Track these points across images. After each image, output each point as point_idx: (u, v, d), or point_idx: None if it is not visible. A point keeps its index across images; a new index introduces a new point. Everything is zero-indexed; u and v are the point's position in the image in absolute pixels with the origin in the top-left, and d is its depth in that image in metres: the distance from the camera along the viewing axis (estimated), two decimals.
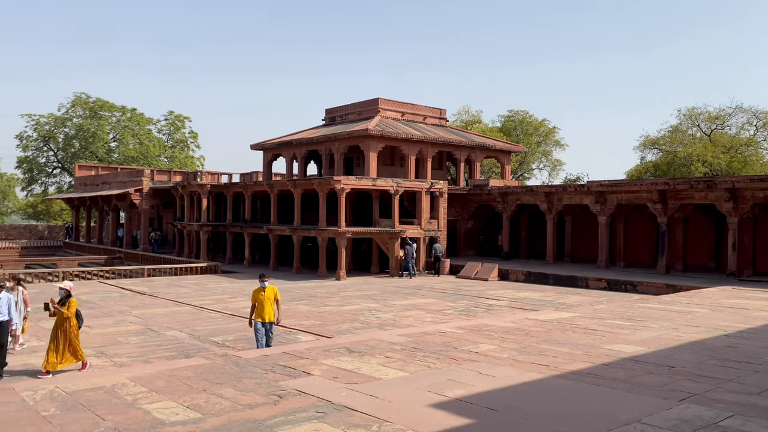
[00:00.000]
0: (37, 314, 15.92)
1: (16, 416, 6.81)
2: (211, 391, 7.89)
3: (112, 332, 13.58)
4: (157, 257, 33.94)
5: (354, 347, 10.91)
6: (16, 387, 8.06)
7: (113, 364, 10.59)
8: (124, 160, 66.11)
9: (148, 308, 17.24)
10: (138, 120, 70.95)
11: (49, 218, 70.29)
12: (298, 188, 28.36)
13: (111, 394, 7.73)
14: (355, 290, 21.99)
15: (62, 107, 69.21)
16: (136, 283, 23.48)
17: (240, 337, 13.17)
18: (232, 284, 23.62)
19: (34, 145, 69.15)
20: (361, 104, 37.02)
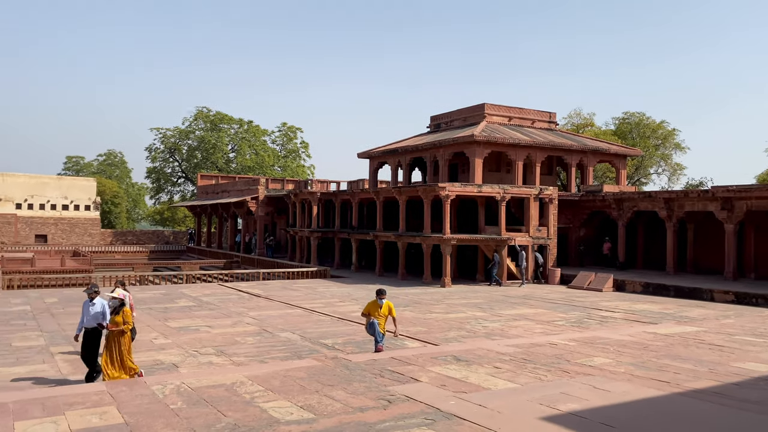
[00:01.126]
0: (165, 313, 17.17)
1: (149, 408, 7.37)
2: (323, 393, 8.13)
3: (231, 332, 14.34)
4: (271, 261, 35.50)
5: (461, 356, 10.82)
6: (148, 381, 8.73)
7: (232, 363, 11.18)
8: (242, 170, 69.88)
9: (263, 310, 18.06)
10: (254, 131, 74.77)
11: (174, 224, 75.63)
12: (403, 195, 28.63)
13: (231, 392, 8.17)
14: (461, 298, 21.83)
15: (186, 121, 74.42)
16: (252, 286, 24.69)
17: (348, 340, 13.46)
18: (340, 289, 24.23)
19: (162, 157, 74.80)
20: (466, 110, 36.79)
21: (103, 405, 7.42)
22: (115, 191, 74.54)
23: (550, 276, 27.71)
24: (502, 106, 36.11)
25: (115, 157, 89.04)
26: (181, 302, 19.65)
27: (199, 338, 13.60)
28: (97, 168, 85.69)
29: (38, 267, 31.65)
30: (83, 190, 62.24)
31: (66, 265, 32.81)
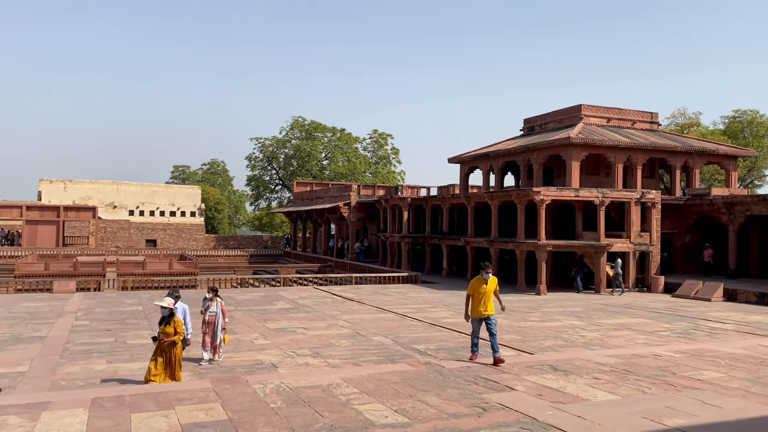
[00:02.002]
0: (264, 314, 17.85)
1: (251, 406, 7.69)
2: (416, 398, 8.16)
3: (326, 335, 14.69)
4: (363, 266, 36.06)
5: (558, 365, 10.51)
6: (250, 380, 9.10)
7: (327, 364, 11.45)
8: (335, 177, 71.56)
9: (356, 314, 18.36)
10: (346, 139, 76.41)
11: (272, 230, 78.53)
12: (495, 200, 28.21)
13: (327, 393, 8.37)
14: (557, 306, 21.19)
15: (283, 130, 77.21)
16: (345, 290, 25.18)
17: (441, 346, 13.42)
18: (431, 294, 24.21)
19: (260, 165, 78.01)
20: (561, 112, 35.76)
21: (209, 401, 7.82)
22: (218, 198, 78.45)
23: (653, 284, 26.33)
24: (599, 107, 34.81)
25: (217, 166, 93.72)
26: (279, 304, 20.36)
27: (296, 339, 14.03)
28: (202, 176, 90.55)
29: (149, 270, 33.84)
30: (189, 198, 66.00)
31: (173, 268, 34.87)
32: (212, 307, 11.62)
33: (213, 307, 11.61)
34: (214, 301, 11.67)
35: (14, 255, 42.85)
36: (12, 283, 26.01)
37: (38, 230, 50.63)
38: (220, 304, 11.74)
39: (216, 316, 11.55)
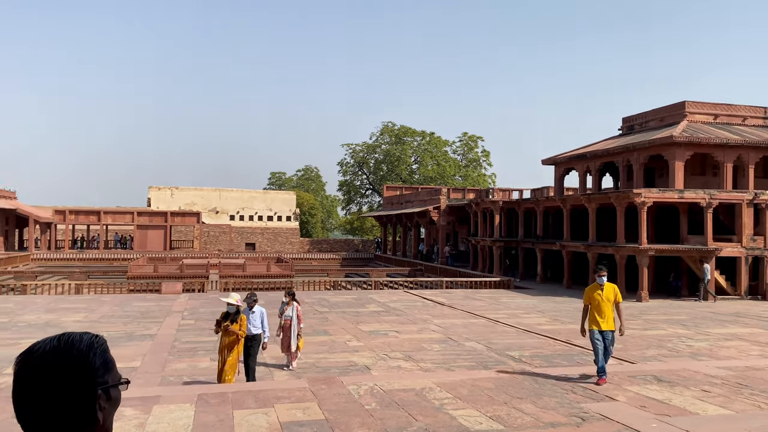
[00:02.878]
0: (356, 317, 18.15)
1: (346, 407, 7.83)
2: (511, 405, 8.00)
3: (417, 339, 14.72)
4: (454, 270, 35.84)
5: (663, 376, 9.97)
6: (345, 381, 9.27)
7: (420, 368, 11.47)
8: (424, 180, 71.68)
9: (447, 318, 18.27)
10: (435, 143, 76.37)
11: (363, 233, 79.74)
12: (593, 203, 27.18)
13: (420, 397, 8.38)
14: (660, 313, 20.11)
15: (373, 136, 78.33)
16: (435, 294, 25.13)
17: (536, 353, 13.08)
18: (524, 300, 23.67)
19: (351, 171, 79.53)
20: (663, 109, 33.95)
21: (306, 401, 8.04)
22: (312, 203, 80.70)
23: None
24: (705, 103, 32.75)
25: (311, 172, 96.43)
26: (371, 307, 20.62)
27: (388, 342, 14.16)
28: (296, 182, 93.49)
29: (248, 272, 35.29)
30: (285, 203, 68.31)
31: (271, 271, 36.16)
32: (288, 311, 11.40)
33: (288, 311, 11.39)
34: (290, 305, 11.44)
35: (127, 258, 46.04)
36: (125, 284, 27.97)
37: (148, 234, 54.15)
38: (296, 308, 11.48)
39: (291, 320, 11.30)
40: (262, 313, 10.45)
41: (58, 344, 1.38)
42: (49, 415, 1.32)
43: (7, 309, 18.82)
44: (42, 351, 1.36)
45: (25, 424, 1.34)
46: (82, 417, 1.35)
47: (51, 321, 16.61)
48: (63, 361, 1.35)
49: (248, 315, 10.21)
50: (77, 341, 1.39)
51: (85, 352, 1.38)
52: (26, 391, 1.34)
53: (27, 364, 1.35)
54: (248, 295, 10.45)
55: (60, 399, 1.33)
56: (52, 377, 1.33)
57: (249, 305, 10.35)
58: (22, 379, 1.34)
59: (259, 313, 10.38)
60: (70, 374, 1.34)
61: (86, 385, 1.36)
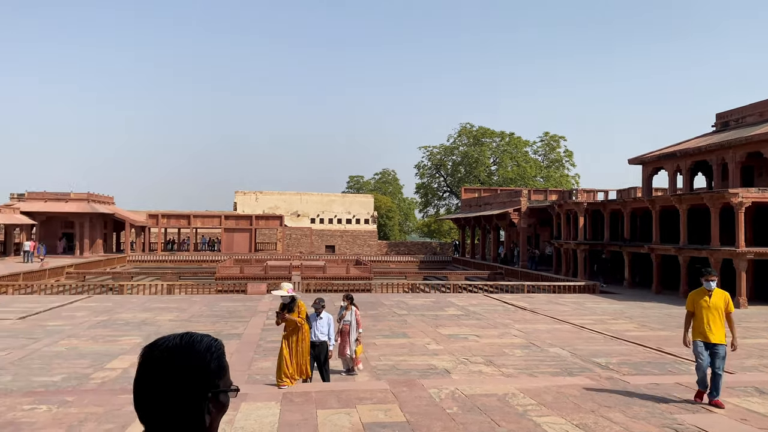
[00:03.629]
0: (436, 320, 18.08)
1: (427, 410, 7.81)
2: (599, 413, 7.72)
3: (498, 343, 14.48)
4: (535, 274, 35.03)
5: (765, 388, 9.32)
6: (425, 384, 9.26)
7: (501, 373, 11.27)
8: (503, 182, 70.57)
9: (530, 323, 17.86)
10: (515, 143, 75.02)
11: (440, 236, 79.44)
12: (684, 204, 25.81)
13: (503, 402, 8.24)
14: (761, 321, 18.82)
15: (450, 138, 77.94)
16: (516, 298, 24.64)
17: (624, 360, 12.56)
18: (611, 305, 22.79)
19: (429, 173, 79.43)
20: (763, 104, 31.76)
21: (387, 402, 8.08)
22: (389, 206, 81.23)
23: None
24: None
25: (388, 175, 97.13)
26: (450, 310, 20.49)
27: (468, 347, 14.01)
28: (374, 185, 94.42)
29: (328, 273, 35.96)
30: (363, 206, 69.15)
31: (350, 273, 36.69)
32: (347, 315, 11.14)
33: (347, 316, 11.12)
34: (349, 310, 11.18)
35: (214, 260, 48.03)
36: (213, 285, 29.18)
37: (234, 237, 56.30)
38: (355, 313, 11.19)
39: (350, 325, 11.04)
40: (329, 320, 10.26)
41: (180, 342, 1.44)
42: (159, 408, 1.39)
43: (107, 308, 20.06)
44: (164, 347, 1.43)
45: (140, 412, 1.42)
46: (190, 417, 1.40)
47: (146, 319, 17.55)
48: (180, 360, 1.41)
49: (315, 321, 10.07)
50: (197, 342, 1.45)
51: (202, 353, 1.43)
52: (144, 383, 1.42)
53: (149, 357, 1.43)
54: (316, 300, 10.27)
55: (171, 396, 1.39)
56: (168, 374, 1.40)
57: (316, 311, 10.14)
58: (143, 370, 1.43)
59: (326, 319, 10.20)
60: (184, 373, 1.40)
61: (198, 386, 1.41)
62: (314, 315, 10.18)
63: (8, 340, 13.84)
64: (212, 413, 1.43)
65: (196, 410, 1.40)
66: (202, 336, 1.47)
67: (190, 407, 1.40)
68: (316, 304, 10.12)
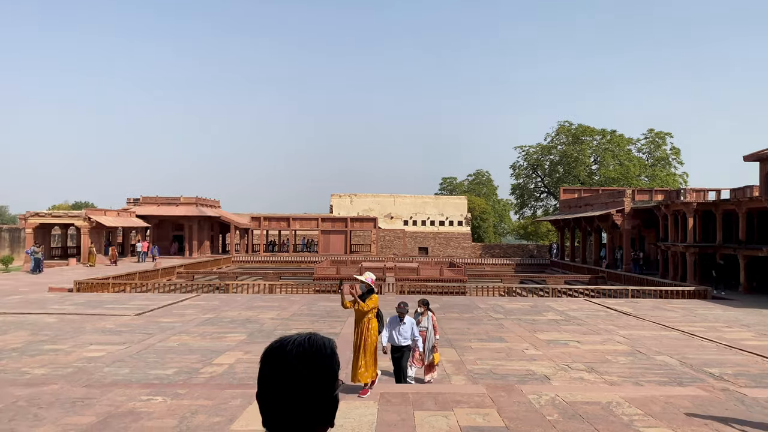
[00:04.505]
0: (533, 325, 17.64)
1: (526, 416, 7.64)
2: (713, 427, 7.24)
3: (600, 350, 13.91)
4: (640, 278, 33.35)
5: None
6: (524, 389, 9.06)
7: (604, 381, 10.82)
8: (605, 182, 67.73)
9: (634, 329, 17.04)
10: (617, 141, 71.82)
11: (537, 238, 77.45)
12: None
13: (606, 411, 7.91)
14: None
15: (548, 137, 75.80)
16: (620, 303, 23.56)
17: (740, 371, 11.69)
18: (725, 312, 21.29)
19: (525, 173, 77.66)
20: None
21: (485, 407, 7.98)
22: (483, 208, 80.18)
23: None
24: None
25: (482, 176, 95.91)
26: (548, 315, 19.92)
27: (568, 352, 13.57)
28: (467, 187, 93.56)
29: (422, 275, 36.02)
30: (456, 208, 68.71)
31: (444, 275, 36.56)
32: (423, 321, 10.66)
33: (424, 322, 10.65)
34: (425, 315, 10.71)
35: (312, 260, 49.46)
36: (311, 285, 30.04)
37: (330, 239, 57.72)
38: (432, 318, 10.75)
39: (427, 331, 10.57)
40: (412, 324, 9.98)
41: (309, 348, 1.47)
42: (293, 409, 1.43)
43: (213, 306, 21.17)
44: (294, 352, 1.45)
45: (271, 411, 1.45)
46: (322, 417, 1.45)
47: (250, 318, 18.35)
48: (313, 363, 1.45)
49: (398, 326, 9.85)
50: (323, 347, 1.48)
51: (329, 356, 1.48)
52: (280, 383, 1.44)
53: (283, 358, 1.45)
54: (400, 304, 9.99)
55: (308, 396, 1.43)
56: (303, 378, 1.43)
57: (399, 315, 9.84)
58: (278, 372, 1.45)
59: (409, 324, 9.88)
60: (318, 378, 1.44)
61: (330, 389, 1.46)
62: (396, 319, 9.93)
63: (126, 335, 14.92)
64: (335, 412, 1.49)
65: (328, 412, 1.46)
66: (323, 339, 1.51)
67: (323, 409, 1.45)
68: (399, 309, 9.86)
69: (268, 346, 1.52)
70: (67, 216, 43.81)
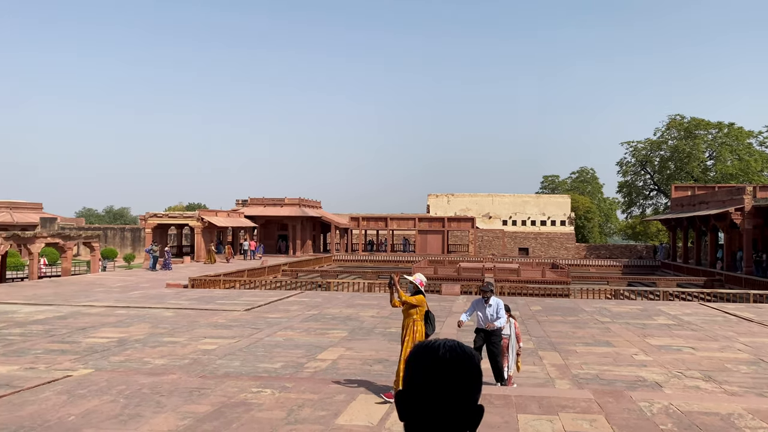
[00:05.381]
0: (643, 329, 16.77)
1: (637, 423, 7.29)
2: None
3: (718, 357, 13.01)
4: (763, 282, 30.82)
5: None
6: (634, 396, 8.65)
7: (723, 391, 10.11)
8: (722, 178, 63.16)
9: (757, 336, 15.77)
10: (736, 135, 66.75)
11: (646, 238, 73.49)
12: None
13: (727, 423, 7.40)
14: None
15: (657, 131, 71.72)
16: (740, 308, 21.89)
17: None
18: None
19: (633, 170, 73.88)
20: None
21: (592, 413, 7.70)
22: (588, 207, 77.19)
23: None
24: None
25: (587, 174, 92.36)
26: (659, 319, 18.87)
27: (681, 359, 12.79)
28: (570, 185, 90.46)
29: (522, 277, 35.24)
30: (558, 207, 66.65)
31: (546, 276, 35.58)
32: (505, 328, 10.05)
33: (506, 329, 10.04)
34: (507, 322, 10.06)
35: (410, 260, 49.78)
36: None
37: (427, 239, 57.79)
38: (514, 325, 10.07)
39: (509, 339, 9.98)
40: (498, 306, 9.37)
41: (462, 353, 1.49)
42: (446, 414, 1.44)
43: (316, 303, 21.83)
44: (448, 356, 1.47)
45: (418, 416, 1.46)
46: (470, 422, 1.46)
47: (351, 315, 18.76)
48: (466, 368, 1.47)
49: (484, 309, 9.25)
50: (472, 354, 1.51)
51: (477, 364, 1.50)
52: (430, 390, 1.45)
53: (434, 364, 1.47)
54: (485, 283, 9.38)
55: (458, 403, 1.45)
56: (456, 382, 1.45)
57: (484, 296, 9.18)
58: (429, 377, 1.46)
59: (495, 306, 9.31)
60: (470, 383, 1.47)
61: (477, 394, 1.48)
62: (481, 301, 9.38)
63: (237, 329, 15.72)
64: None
65: (475, 415, 1.47)
66: (465, 348, 1.52)
67: (472, 411, 1.47)
68: (483, 288, 9.36)
69: (416, 349, 1.53)
70: (182, 216, 46.79)
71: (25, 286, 26.58)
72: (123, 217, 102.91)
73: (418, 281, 8.58)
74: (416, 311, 8.35)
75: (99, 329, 15.47)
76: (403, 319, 8.53)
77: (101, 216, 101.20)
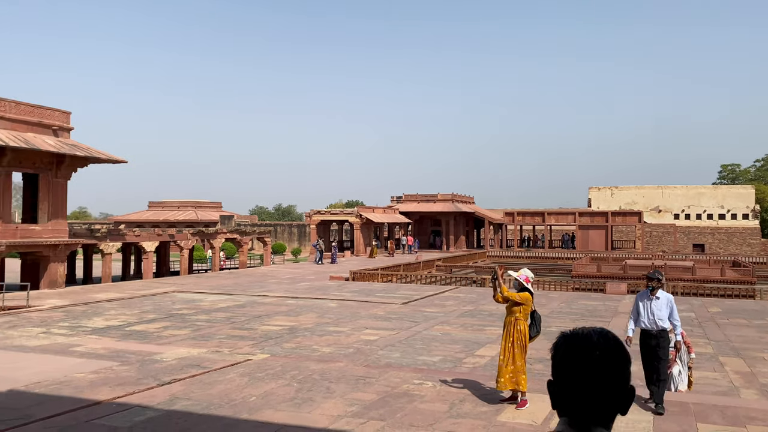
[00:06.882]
0: None
1: None
2: None
3: None
4: None
5: None
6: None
7: None
8: None
9: None
10: None
11: None
12: None
13: None
14: None
15: None
16: None
17: None
18: None
19: None
20: None
21: None
22: None
23: None
24: None
25: None
26: None
27: None
28: (754, 174, 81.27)
29: (698, 276, 32.31)
30: (740, 198, 60.21)
31: (726, 275, 32.33)
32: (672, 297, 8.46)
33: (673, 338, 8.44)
34: (672, 333, 8.38)
35: (569, 257, 47.79)
36: (569, 282, 29.04)
37: (589, 234, 55.08)
38: (682, 334, 8.55)
39: (680, 351, 8.47)
40: (669, 300, 7.94)
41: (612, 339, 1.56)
42: (599, 396, 1.51)
43: (472, 299, 21.80)
44: (601, 342, 1.54)
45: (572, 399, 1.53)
46: (622, 404, 1.53)
47: None
48: (617, 353, 1.54)
49: (649, 303, 7.86)
50: (620, 341, 1.58)
51: (626, 349, 1.57)
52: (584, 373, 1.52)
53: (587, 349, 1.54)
54: (651, 271, 8.05)
55: (612, 386, 1.51)
56: (610, 366, 1.52)
57: (651, 288, 7.87)
58: (582, 361, 1.53)
59: (664, 300, 7.88)
60: (622, 366, 1.53)
61: (628, 377, 1.55)
62: (646, 293, 8.03)
63: (395, 322, 16.18)
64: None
65: (626, 397, 1.53)
66: (611, 335, 1.58)
67: (624, 394, 1.53)
68: (650, 276, 7.99)
69: (564, 336, 1.60)
70: (342, 213, 49.18)
71: (209, 277, 29.57)
72: (290, 214, 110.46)
73: (523, 278, 8.11)
74: (520, 309, 7.92)
75: (272, 317, 16.77)
76: (506, 317, 8.16)
77: (271, 213, 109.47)
